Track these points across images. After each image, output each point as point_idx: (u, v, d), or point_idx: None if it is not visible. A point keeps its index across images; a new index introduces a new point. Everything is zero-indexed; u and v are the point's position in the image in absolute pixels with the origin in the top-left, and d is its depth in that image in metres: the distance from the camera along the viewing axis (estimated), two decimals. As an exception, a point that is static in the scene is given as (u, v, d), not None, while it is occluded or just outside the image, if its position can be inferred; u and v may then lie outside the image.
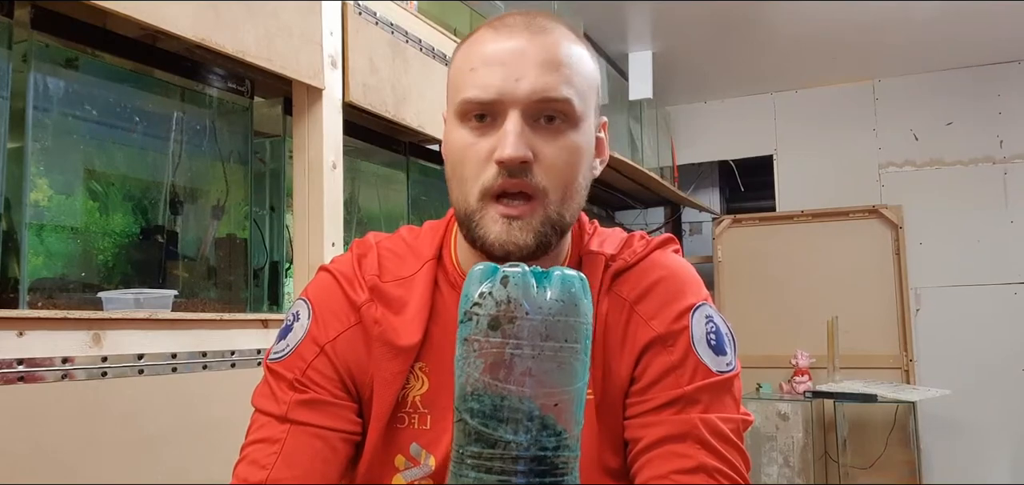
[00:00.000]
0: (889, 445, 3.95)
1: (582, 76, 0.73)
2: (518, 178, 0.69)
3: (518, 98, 0.69)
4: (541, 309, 0.50)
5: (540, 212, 0.70)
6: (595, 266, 0.78)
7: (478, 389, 0.50)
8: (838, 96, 4.49)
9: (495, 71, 0.70)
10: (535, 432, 0.49)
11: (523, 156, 0.68)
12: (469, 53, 0.73)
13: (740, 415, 0.73)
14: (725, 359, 0.74)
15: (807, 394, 3.73)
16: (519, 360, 0.49)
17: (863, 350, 4.13)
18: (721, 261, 4.53)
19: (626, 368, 0.74)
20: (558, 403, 0.50)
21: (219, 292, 1.54)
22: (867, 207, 4.28)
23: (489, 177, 0.69)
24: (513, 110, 0.69)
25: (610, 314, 0.75)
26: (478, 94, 0.70)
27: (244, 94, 1.58)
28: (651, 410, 0.72)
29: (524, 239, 0.70)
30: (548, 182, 0.70)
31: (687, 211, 5.04)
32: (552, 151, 0.70)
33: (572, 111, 0.71)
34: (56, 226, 1.26)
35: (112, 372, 1.11)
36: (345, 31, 1.63)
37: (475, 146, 0.71)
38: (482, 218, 0.70)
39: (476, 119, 0.71)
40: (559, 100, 0.70)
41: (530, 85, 0.69)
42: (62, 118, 1.26)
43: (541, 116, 0.70)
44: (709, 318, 0.75)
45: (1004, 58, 4.12)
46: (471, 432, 0.50)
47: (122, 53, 1.35)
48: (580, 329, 0.51)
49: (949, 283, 4.17)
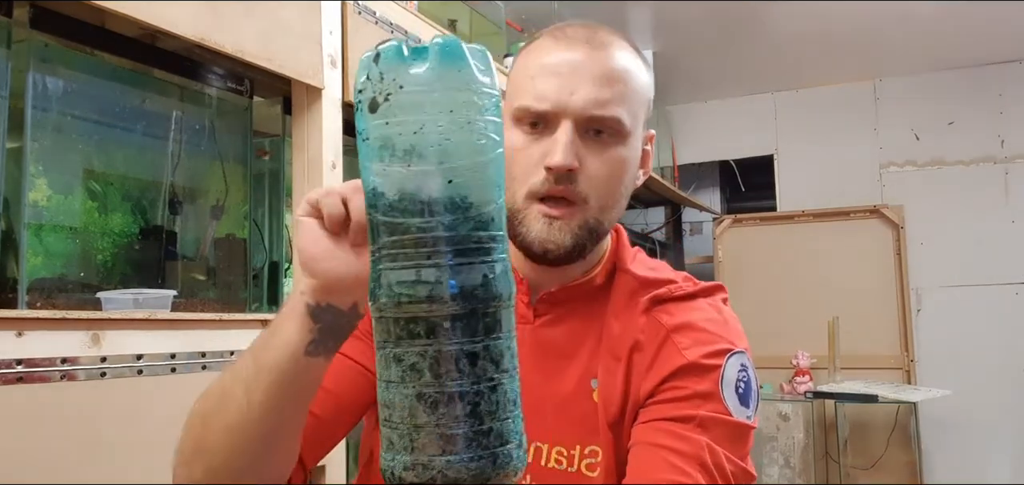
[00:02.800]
0: (890, 446, 3.95)
1: (634, 92, 0.76)
2: (563, 185, 0.73)
3: (571, 110, 0.73)
4: (417, 81, 0.46)
5: (579, 216, 0.74)
6: (625, 283, 0.79)
7: (376, 185, 0.47)
8: (839, 96, 4.49)
9: (551, 82, 0.73)
10: (441, 211, 0.46)
11: (570, 165, 0.72)
12: (529, 61, 0.77)
13: (745, 465, 0.73)
14: (746, 411, 0.74)
15: (808, 394, 3.73)
16: (401, 139, 0.46)
17: (864, 350, 4.13)
18: (721, 261, 4.53)
19: (648, 388, 0.74)
20: (455, 179, 0.46)
21: (218, 292, 1.54)
22: (868, 207, 4.27)
23: (537, 181, 0.73)
24: (566, 121, 0.73)
25: (644, 334, 0.76)
26: (534, 103, 0.74)
27: (243, 93, 1.58)
28: (662, 419, 0.72)
29: (562, 239, 0.74)
30: (590, 190, 0.74)
31: (687, 211, 5.04)
32: (597, 163, 0.74)
33: (621, 128, 0.74)
34: (55, 226, 1.26)
35: (111, 372, 1.10)
36: (345, 30, 1.63)
37: (527, 150, 0.74)
38: (525, 216, 0.74)
39: (530, 125, 0.75)
40: (608, 118, 0.73)
41: (583, 99, 0.72)
42: (61, 118, 1.26)
43: (591, 129, 0.74)
44: (743, 368, 0.75)
45: (1005, 57, 4.12)
46: (378, 226, 0.47)
47: (121, 52, 1.34)
48: (466, 97, 0.46)
49: (950, 283, 4.16)
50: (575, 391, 0.76)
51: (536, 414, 0.75)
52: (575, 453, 0.75)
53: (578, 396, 0.76)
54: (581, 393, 0.76)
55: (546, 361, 0.78)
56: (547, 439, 0.75)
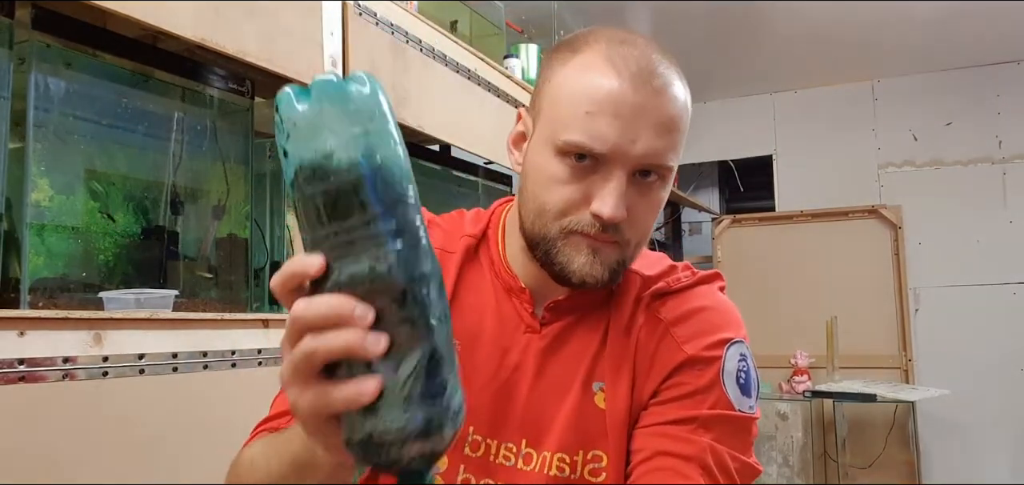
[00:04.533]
0: (888, 445, 3.95)
1: (684, 134, 0.73)
2: (609, 233, 0.70)
3: (630, 158, 0.68)
4: (305, 117, 0.49)
5: (619, 253, 0.72)
6: (629, 284, 0.78)
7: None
8: (838, 96, 4.49)
9: (612, 125, 0.67)
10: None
11: (622, 218, 0.69)
12: (578, 85, 0.70)
13: (749, 460, 0.72)
14: (748, 401, 0.73)
15: (806, 394, 3.74)
16: (307, 178, 0.49)
17: (862, 350, 4.14)
18: (721, 261, 4.53)
19: (651, 387, 0.74)
20: (358, 180, 0.48)
21: (220, 292, 1.54)
22: (866, 207, 4.28)
23: (581, 222, 0.70)
24: (621, 170, 0.68)
25: (643, 333, 0.76)
26: (590, 144, 0.68)
27: (245, 94, 1.58)
28: (663, 422, 0.71)
29: (602, 273, 0.71)
30: (632, 234, 0.72)
31: (687, 211, 5.05)
32: (643, 207, 0.71)
33: (670, 174, 0.72)
34: (57, 226, 1.26)
35: (113, 372, 1.11)
36: (345, 32, 1.64)
37: (569, 185, 0.70)
38: (564, 246, 0.71)
39: (576, 158, 0.69)
40: (663, 168, 0.71)
41: (644, 149, 0.68)
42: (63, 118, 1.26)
43: (640, 170, 0.70)
44: (743, 357, 0.75)
45: (1003, 58, 4.13)
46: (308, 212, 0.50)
47: (122, 53, 1.35)
48: (343, 121, 0.49)
49: (948, 283, 4.17)
50: (579, 397, 0.75)
51: (541, 423, 0.75)
52: (578, 460, 0.74)
53: (582, 402, 0.75)
54: (585, 398, 0.75)
55: (551, 370, 0.77)
56: (550, 447, 0.74)
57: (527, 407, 0.75)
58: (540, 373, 0.76)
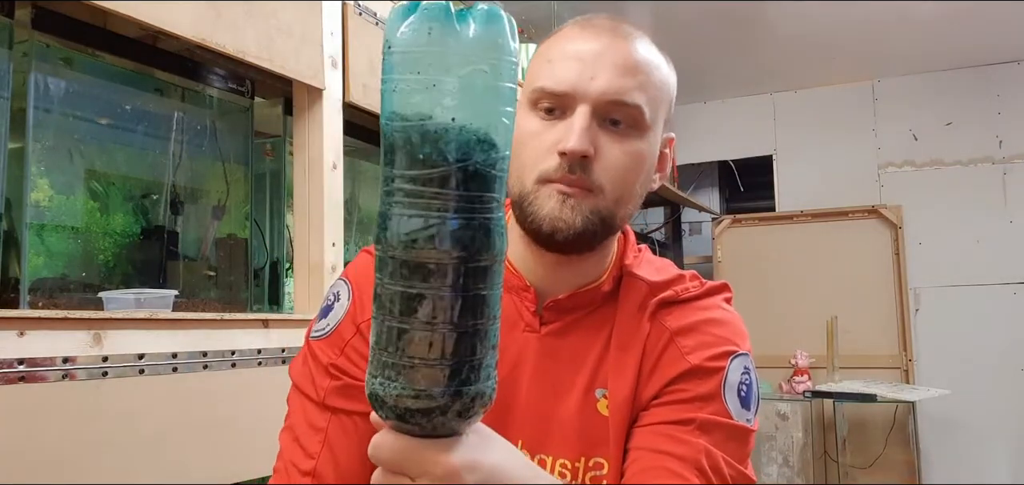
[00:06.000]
0: (888, 445, 3.95)
1: (656, 86, 0.74)
2: (577, 173, 0.70)
3: (589, 95, 0.70)
4: (461, 40, 0.48)
5: (592, 201, 0.71)
6: (634, 289, 0.78)
7: (396, 109, 0.49)
8: (838, 96, 4.49)
9: (571, 66, 0.71)
10: (452, 153, 0.48)
11: (585, 150, 0.69)
12: (550, 46, 0.75)
13: (745, 470, 0.72)
14: (747, 414, 0.73)
15: (807, 394, 3.74)
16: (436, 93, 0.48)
17: (862, 350, 4.14)
18: (721, 261, 4.53)
19: (651, 391, 0.74)
20: (483, 126, 0.49)
21: (219, 292, 1.54)
22: (866, 207, 4.28)
23: (549, 166, 0.70)
24: (583, 106, 0.70)
25: (649, 340, 0.75)
26: (551, 85, 0.71)
27: (244, 94, 1.58)
28: (661, 422, 0.71)
29: (573, 219, 0.70)
30: (605, 180, 0.71)
31: (687, 211, 5.05)
32: (614, 152, 0.71)
33: (640, 118, 0.72)
34: (57, 226, 1.27)
35: (113, 372, 1.11)
36: (345, 31, 1.64)
37: (540, 135, 0.72)
38: (536, 196, 0.71)
39: (545, 111, 0.72)
40: (629, 105, 0.71)
41: (603, 84, 0.70)
42: (63, 118, 1.26)
43: (609, 118, 0.71)
44: (746, 370, 0.74)
45: (1003, 58, 4.13)
46: (395, 154, 0.49)
47: (122, 53, 1.35)
48: (502, 61, 0.49)
49: (948, 283, 4.17)
50: (581, 402, 0.75)
51: (541, 427, 0.74)
52: (579, 466, 0.73)
53: (584, 407, 0.74)
54: (587, 404, 0.74)
55: (552, 371, 0.76)
56: (551, 452, 0.74)
57: (526, 407, 0.75)
58: (539, 373, 0.76)
